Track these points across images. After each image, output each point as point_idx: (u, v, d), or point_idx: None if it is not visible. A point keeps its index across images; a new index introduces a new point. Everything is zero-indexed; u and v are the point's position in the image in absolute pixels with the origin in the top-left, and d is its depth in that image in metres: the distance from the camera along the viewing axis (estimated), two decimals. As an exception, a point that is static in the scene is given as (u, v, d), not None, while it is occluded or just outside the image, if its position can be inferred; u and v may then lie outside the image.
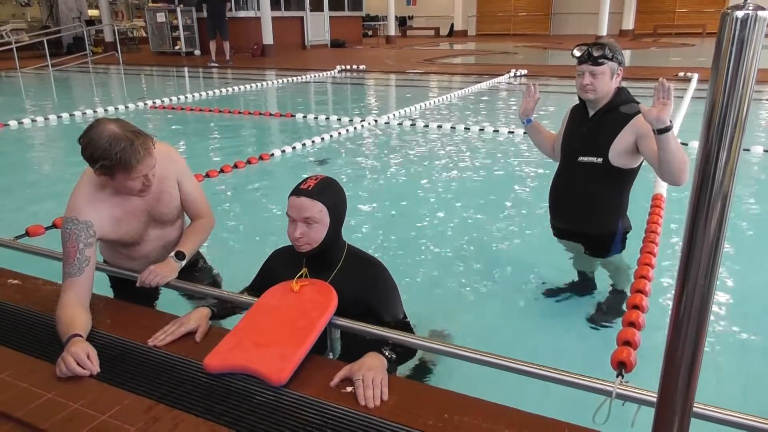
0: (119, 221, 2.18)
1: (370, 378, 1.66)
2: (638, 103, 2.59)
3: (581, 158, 2.69)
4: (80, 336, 1.87)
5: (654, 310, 2.46)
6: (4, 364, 1.85)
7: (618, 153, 2.58)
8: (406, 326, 1.98)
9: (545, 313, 3.07)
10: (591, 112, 2.68)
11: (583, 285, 3.14)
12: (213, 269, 2.75)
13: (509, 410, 1.61)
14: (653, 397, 1.42)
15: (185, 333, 1.97)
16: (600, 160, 2.62)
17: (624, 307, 2.52)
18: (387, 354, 1.78)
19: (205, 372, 1.76)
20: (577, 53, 2.61)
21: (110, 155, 1.92)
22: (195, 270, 2.61)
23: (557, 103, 8.37)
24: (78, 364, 1.75)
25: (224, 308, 2.12)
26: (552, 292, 3.18)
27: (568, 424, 1.55)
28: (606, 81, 2.56)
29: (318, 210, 1.84)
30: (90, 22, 20.28)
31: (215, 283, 2.67)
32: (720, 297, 3.05)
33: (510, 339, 2.80)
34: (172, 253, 2.25)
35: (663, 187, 4.01)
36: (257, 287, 2.10)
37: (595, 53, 2.54)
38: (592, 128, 2.66)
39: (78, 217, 2.07)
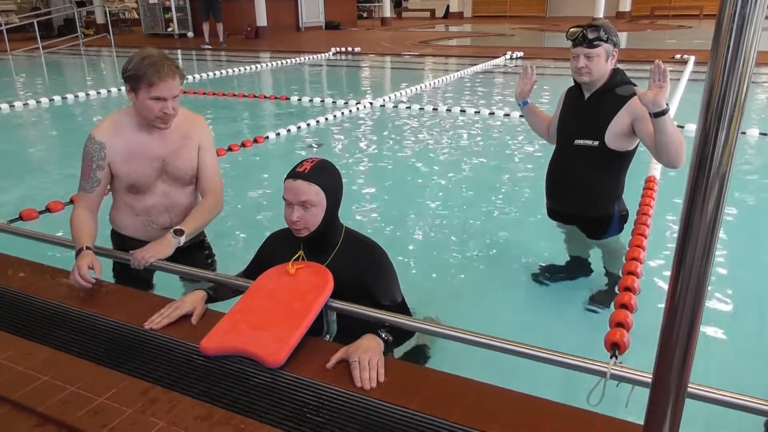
0: (132, 156, 2.27)
1: (367, 360, 1.67)
2: (635, 85, 2.58)
3: (577, 141, 2.68)
4: (88, 249, 2.14)
5: (646, 291, 2.48)
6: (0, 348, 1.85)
7: (614, 136, 2.57)
8: (403, 308, 1.99)
9: (539, 295, 3.08)
10: (586, 95, 2.66)
11: (578, 268, 3.15)
12: (214, 258, 2.74)
13: (504, 391, 1.62)
14: (647, 377, 1.44)
15: (181, 316, 1.97)
16: (596, 143, 2.62)
17: (617, 289, 2.54)
18: (383, 336, 1.78)
19: (201, 354, 1.76)
20: (571, 35, 2.59)
21: (138, 67, 2.13)
22: (201, 253, 2.62)
23: (553, 85, 8.33)
24: (80, 276, 2.05)
25: (220, 291, 2.12)
26: (546, 275, 3.19)
27: (562, 404, 1.56)
28: (601, 63, 2.55)
29: (315, 193, 1.84)
30: (81, 3, 19.99)
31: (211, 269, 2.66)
32: (715, 278, 3.07)
33: (504, 321, 2.81)
34: (171, 230, 2.25)
35: (656, 169, 4.02)
36: (254, 270, 2.09)
37: (590, 35, 2.52)
38: (587, 111, 2.65)
39: (95, 137, 2.26)
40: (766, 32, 1.55)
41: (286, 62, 12.08)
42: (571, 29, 2.60)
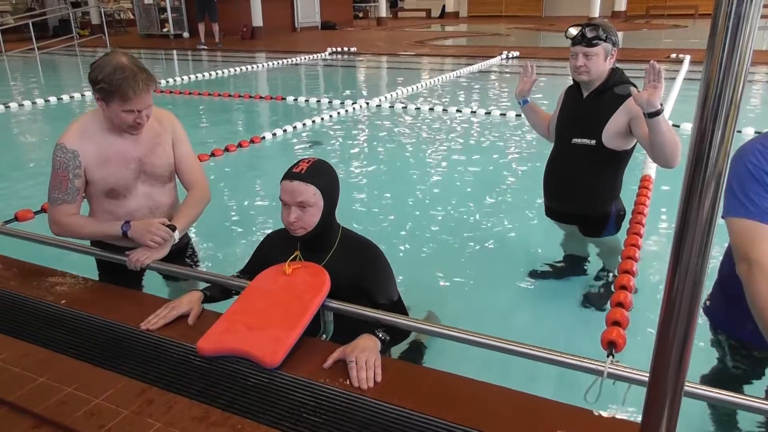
0: (107, 161, 2.19)
1: (364, 359, 1.67)
2: (633, 84, 2.59)
3: (575, 140, 2.68)
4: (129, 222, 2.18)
5: (642, 290, 2.48)
6: (-5, 349, 1.84)
7: (611, 135, 2.58)
8: (400, 307, 1.99)
9: (536, 294, 3.09)
10: (585, 93, 2.67)
11: (574, 266, 3.16)
12: (197, 261, 2.71)
13: (501, 390, 1.62)
14: (643, 376, 1.44)
15: (178, 316, 1.96)
16: (593, 142, 2.62)
17: (613, 287, 2.54)
18: (380, 336, 1.78)
19: (198, 355, 1.76)
20: (571, 34, 2.60)
21: (111, 80, 2.01)
22: (185, 256, 2.59)
23: (549, 84, 8.34)
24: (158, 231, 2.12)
25: (216, 291, 2.11)
26: (543, 274, 3.20)
27: (558, 403, 1.56)
28: (600, 62, 2.55)
29: (311, 193, 1.83)
30: (76, 4, 19.93)
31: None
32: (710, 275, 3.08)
33: (501, 320, 2.81)
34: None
35: (652, 169, 4.03)
36: (250, 270, 2.09)
37: (589, 34, 2.53)
38: (585, 110, 2.66)
39: (66, 145, 2.15)
40: (761, 31, 1.56)
41: (282, 62, 12.07)
42: (571, 28, 2.61)
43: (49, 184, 2.20)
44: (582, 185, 2.73)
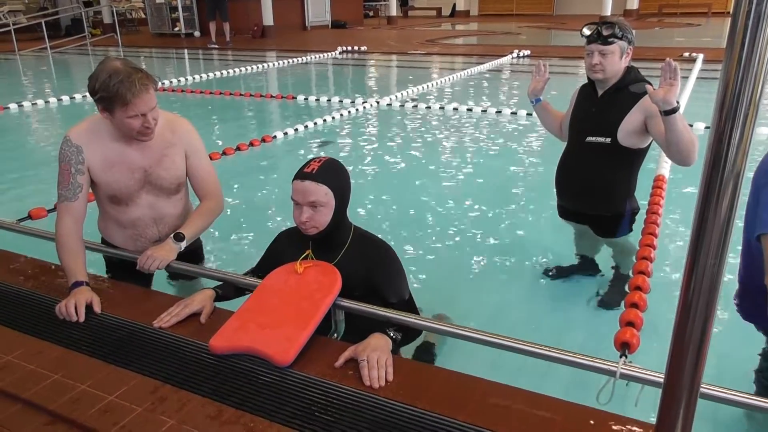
0: (112, 165, 2.17)
1: (375, 358, 1.67)
2: (648, 82, 2.57)
3: (589, 138, 2.67)
4: (86, 284, 2.07)
5: (656, 291, 2.46)
6: (10, 347, 1.85)
7: (626, 133, 2.56)
8: (411, 306, 1.99)
9: (549, 294, 3.08)
10: (600, 92, 2.65)
11: (587, 267, 3.14)
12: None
13: (513, 390, 1.62)
14: (657, 377, 1.43)
15: (190, 314, 1.97)
16: (608, 140, 2.60)
17: (627, 288, 2.53)
18: (392, 335, 1.78)
19: (210, 353, 1.77)
20: (586, 32, 2.59)
21: (107, 87, 1.98)
22: (196, 261, 2.58)
23: (560, 83, 8.30)
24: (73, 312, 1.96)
25: (228, 290, 2.12)
26: (556, 274, 3.18)
27: (571, 403, 1.56)
28: (615, 60, 2.54)
29: (323, 193, 1.83)
30: (88, 3, 20.09)
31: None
32: (726, 277, 3.05)
33: (513, 319, 2.80)
34: (171, 235, 2.21)
35: (665, 168, 4.00)
36: (263, 268, 2.09)
37: (605, 32, 2.52)
38: (600, 108, 2.64)
39: (71, 139, 2.14)
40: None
41: (293, 61, 12.10)
42: (587, 26, 2.60)
43: (57, 181, 2.19)
44: (596, 184, 2.72)
